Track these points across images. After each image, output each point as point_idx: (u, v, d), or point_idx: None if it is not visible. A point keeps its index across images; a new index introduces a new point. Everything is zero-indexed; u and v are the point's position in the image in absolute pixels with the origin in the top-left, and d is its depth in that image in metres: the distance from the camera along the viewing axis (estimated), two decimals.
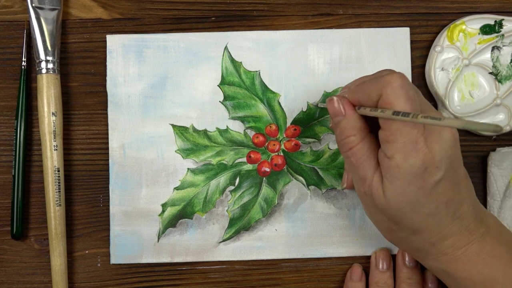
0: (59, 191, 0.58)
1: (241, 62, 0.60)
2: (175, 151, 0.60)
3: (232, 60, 0.60)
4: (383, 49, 0.61)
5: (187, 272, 0.61)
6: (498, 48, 0.60)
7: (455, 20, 0.60)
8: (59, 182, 0.58)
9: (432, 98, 0.61)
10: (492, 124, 0.38)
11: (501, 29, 0.60)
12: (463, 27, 0.60)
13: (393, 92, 0.45)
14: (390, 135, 0.45)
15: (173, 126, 0.60)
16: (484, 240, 0.49)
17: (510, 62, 0.60)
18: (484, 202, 0.61)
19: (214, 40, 0.60)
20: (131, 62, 0.60)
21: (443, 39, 0.59)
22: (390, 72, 0.47)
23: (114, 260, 0.60)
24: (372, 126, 0.50)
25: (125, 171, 0.60)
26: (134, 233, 0.60)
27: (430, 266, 0.52)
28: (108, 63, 0.60)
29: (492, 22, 0.60)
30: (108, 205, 0.60)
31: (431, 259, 0.51)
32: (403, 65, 0.60)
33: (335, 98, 0.49)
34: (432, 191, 0.46)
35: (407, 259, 0.59)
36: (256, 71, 0.60)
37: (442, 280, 0.53)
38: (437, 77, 0.59)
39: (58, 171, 0.58)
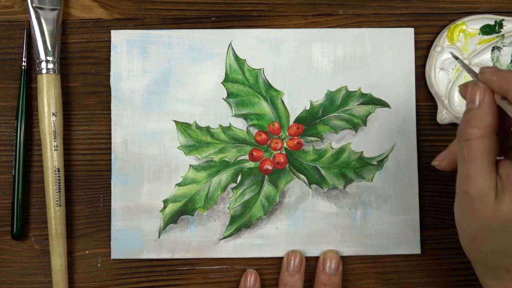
0: (59, 191, 0.57)
1: (245, 60, 0.60)
2: (178, 148, 0.60)
3: (236, 58, 0.60)
4: (387, 49, 0.61)
5: (187, 272, 0.61)
6: (498, 48, 0.60)
7: (456, 20, 0.60)
8: (59, 182, 0.57)
9: (432, 98, 0.61)
10: None
11: (501, 30, 0.60)
12: (463, 27, 0.60)
13: None
14: None
15: (176, 122, 0.60)
16: None
17: (510, 63, 0.60)
18: None
19: (218, 37, 0.61)
20: (135, 57, 0.60)
21: (443, 39, 0.59)
22: None
23: (114, 255, 0.60)
24: (501, 129, 0.47)
25: (127, 166, 0.60)
26: (135, 229, 0.60)
27: (491, 286, 0.50)
28: (112, 59, 0.60)
29: (492, 22, 0.60)
30: (108, 205, 0.60)
31: (496, 282, 0.49)
32: (407, 65, 0.61)
33: (481, 85, 0.46)
34: None
35: (327, 265, 0.59)
36: (260, 69, 0.61)
37: None
38: (437, 77, 0.59)
39: (58, 171, 0.57)
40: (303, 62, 0.61)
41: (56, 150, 0.57)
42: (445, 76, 0.59)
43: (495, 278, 0.49)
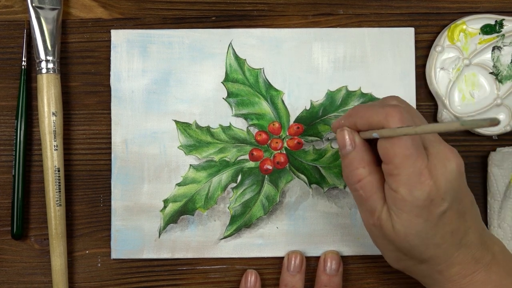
0: (59, 191, 0.57)
1: (245, 59, 0.60)
2: (178, 147, 0.60)
3: (236, 57, 0.60)
4: (387, 49, 0.61)
5: (188, 272, 0.60)
6: (498, 48, 0.60)
7: (456, 20, 0.60)
8: (59, 182, 0.57)
9: (432, 98, 0.61)
10: (487, 118, 0.36)
11: (501, 29, 0.60)
12: (464, 27, 0.60)
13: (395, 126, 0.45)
14: (394, 169, 0.45)
15: (176, 122, 0.60)
16: (490, 269, 0.49)
17: (511, 62, 0.60)
18: (484, 202, 0.61)
19: (219, 37, 0.60)
20: (135, 57, 0.60)
21: (443, 39, 0.59)
22: (393, 100, 0.49)
23: (114, 255, 0.60)
24: (378, 159, 0.49)
25: (127, 166, 0.60)
26: (135, 229, 0.60)
27: None
28: (112, 58, 0.60)
29: (493, 22, 0.60)
30: (108, 205, 0.60)
31: (438, 286, 0.51)
32: (407, 65, 0.60)
33: (346, 129, 0.49)
34: (438, 222, 0.46)
35: (328, 265, 0.59)
36: (260, 69, 0.60)
37: None
38: (438, 77, 0.59)
39: (58, 171, 0.57)
40: (303, 62, 0.61)
41: (56, 150, 0.57)
42: (445, 76, 0.59)
43: (435, 283, 0.51)
